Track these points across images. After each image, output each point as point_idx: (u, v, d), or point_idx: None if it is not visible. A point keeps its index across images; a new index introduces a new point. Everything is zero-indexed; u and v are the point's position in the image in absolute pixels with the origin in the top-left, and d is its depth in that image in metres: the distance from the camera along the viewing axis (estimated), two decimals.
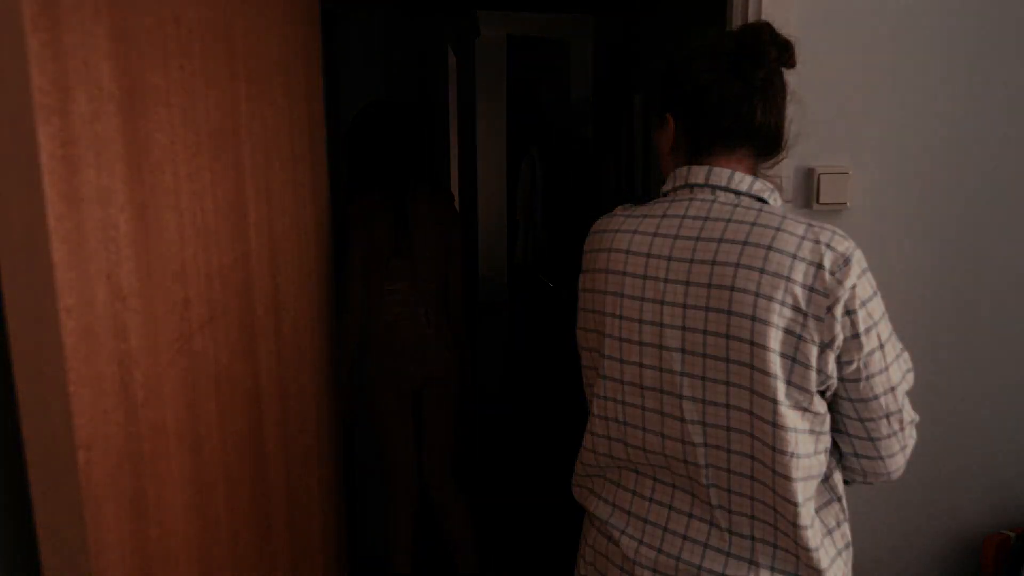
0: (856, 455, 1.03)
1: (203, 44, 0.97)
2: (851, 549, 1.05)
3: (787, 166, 1.54)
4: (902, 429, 1.01)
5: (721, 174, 1.01)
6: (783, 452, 0.93)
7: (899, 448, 1.02)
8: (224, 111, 1.05)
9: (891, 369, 0.98)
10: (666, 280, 0.99)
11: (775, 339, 0.92)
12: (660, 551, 1.04)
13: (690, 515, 1.03)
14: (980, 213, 1.60)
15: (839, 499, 1.03)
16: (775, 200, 1.03)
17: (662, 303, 0.99)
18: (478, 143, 4.64)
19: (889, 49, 1.53)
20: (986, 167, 1.59)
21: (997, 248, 1.61)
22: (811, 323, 0.92)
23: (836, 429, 1.03)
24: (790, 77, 1.06)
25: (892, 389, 0.99)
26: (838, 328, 0.92)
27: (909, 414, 1.02)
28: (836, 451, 1.05)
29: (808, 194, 1.57)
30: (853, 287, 0.92)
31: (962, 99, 1.56)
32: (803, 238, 0.93)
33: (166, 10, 0.86)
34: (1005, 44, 1.55)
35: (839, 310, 0.92)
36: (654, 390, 1.01)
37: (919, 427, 1.05)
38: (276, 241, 1.31)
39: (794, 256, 0.92)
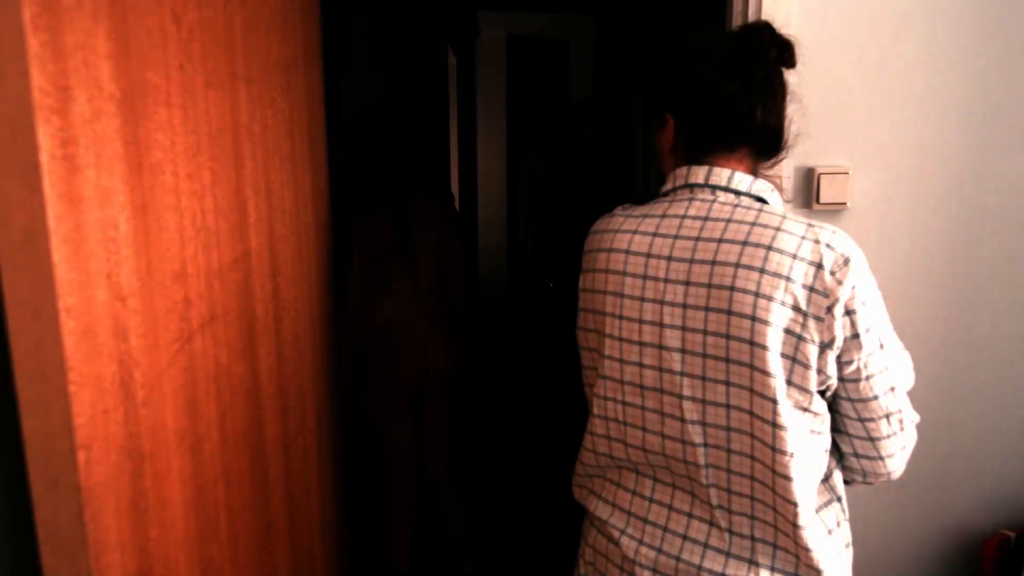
0: (856, 455, 1.03)
1: (203, 44, 0.97)
2: (851, 549, 1.05)
3: (787, 166, 1.54)
4: (902, 429, 1.01)
5: (721, 174, 1.01)
6: (783, 452, 0.93)
7: (899, 448, 1.02)
8: (224, 111, 1.05)
9: (891, 369, 0.98)
10: (666, 280, 0.99)
11: (775, 339, 0.92)
12: (660, 551, 1.04)
13: (690, 515, 1.03)
14: (980, 213, 1.60)
15: (839, 499, 1.04)
16: (775, 200, 1.03)
17: (662, 303, 0.99)
18: (478, 143, 4.64)
19: (889, 49, 1.53)
20: (986, 167, 1.59)
21: (997, 248, 1.61)
22: (811, 323, 0.92)
23: (836, 429, 1.03)
24: (790, 77, 1.06)
25: (892, 389, 0.99)
26: (838, 328, 0.92)
27: (909, 414, 1.02)
28: (836, 451, 1.05)
29: (808, 194, 1.57)
30: (853, 287, 0.92)
31: (963, 99, 1.56)
32: (803, 238, 0.93)
33: (166, 10, 0.86)
34: (1006, 44, 1.55)
35: (839, 310, 0.92)
36: (654, 390, 1.01)
37: (919, 427, 1.05)
38: (276, 241, 1.31)
39: (794, 256, 0.92)
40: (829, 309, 0.92)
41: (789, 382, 0.94)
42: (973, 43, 1.54)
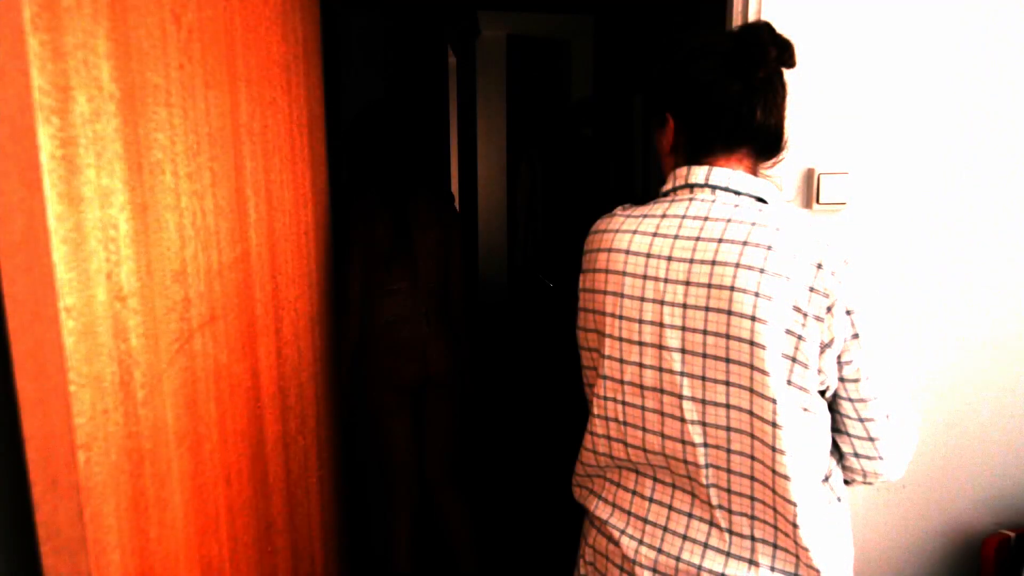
0: (856, 455, 1.03)
1: (203, 44, 0.97)
2: (851, 549, 1.05)
3: (787, 166, 1.54)
4: (902, 429, 1.01)
5: (721, 174, 1.01)
6: (783, 452, 0.93)
7: (899, 448, 1.02)
8: (224, 111, 1.05)
9: (891, 369, 0.98)
10: (666, 280, 0.99)
11: (775, 339, 0.92)
12: (660, 551, 1.04)
13: (690, 515, 1.03)
14: (979, 213, 1.60)
15: (839, 499, 1.04)
16: (775, 200, 1.03)
17: (662, 303, 0.99)
18: (478, 143, 4.64)
19: (889, 49, 1.53)
20: (985, 167, 1.59)
21: (996, 248, 1.62)
22: (811, 323, 0.92)
23: (836, 429, 1.03)
24: (790, 77, 1.06)
25: (892, 389, 0.99)
26: (838, 328, 0.92)
27: (910, 415, 1.02)
28: (836, 451, 1.05)
29: (808, 194, 1.57)
30: (853, 287, 0.92)
31: (962, 99, 1.56)
32: (803, 238, 0.93)
33: (166, 10, 0.86)
34: (1005, 44, 1.55)
35: (839, 310, 0.92)
36: (654, 390, 1.01)
37: (919, 427, 1.05)
38: (276, 241, 1.31)
39: (794, 256, 0.92)
40: (829, 309, 0.92)
41: (789, 382, 0.94)
42: (973, 44, 1.54)
